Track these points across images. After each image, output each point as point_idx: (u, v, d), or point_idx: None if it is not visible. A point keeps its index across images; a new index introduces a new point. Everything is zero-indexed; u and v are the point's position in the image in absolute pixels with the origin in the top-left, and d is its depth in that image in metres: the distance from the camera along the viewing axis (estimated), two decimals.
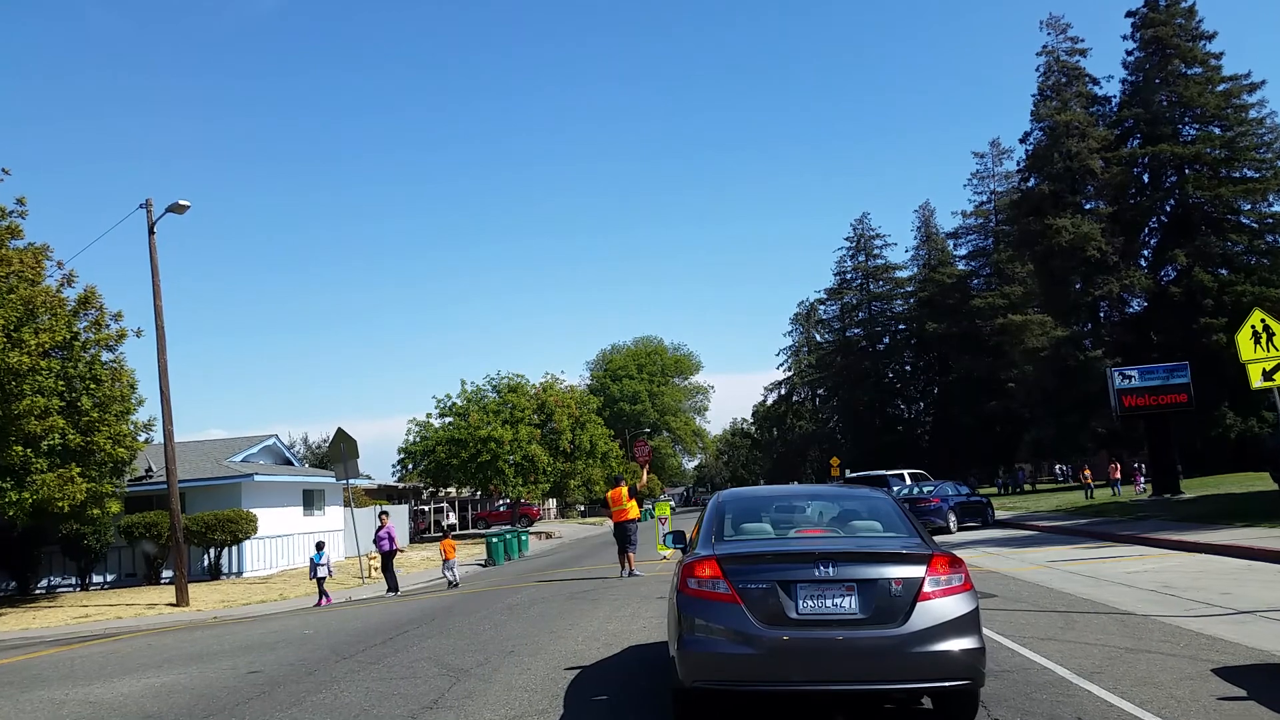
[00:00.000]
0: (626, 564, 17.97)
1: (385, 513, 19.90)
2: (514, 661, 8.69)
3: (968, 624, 5.35)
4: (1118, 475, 38.66)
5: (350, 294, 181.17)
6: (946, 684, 5.29)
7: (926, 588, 5.34)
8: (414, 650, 9.92)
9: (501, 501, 56.53)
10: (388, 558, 19.06)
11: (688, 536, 7.04)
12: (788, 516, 6.89)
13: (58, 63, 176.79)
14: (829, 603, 5.32)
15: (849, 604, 5.31)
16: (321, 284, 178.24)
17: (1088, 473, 38.09)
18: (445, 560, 19.03)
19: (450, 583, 18.53)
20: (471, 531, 52.85)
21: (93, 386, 21.74)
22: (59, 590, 26.97)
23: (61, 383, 20.76)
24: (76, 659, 12.27)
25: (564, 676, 7.79)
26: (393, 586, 18.94)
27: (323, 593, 18.16)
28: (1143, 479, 39.45)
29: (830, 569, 5.36)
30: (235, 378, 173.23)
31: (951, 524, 24.61)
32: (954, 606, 5.35)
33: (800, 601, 5.32)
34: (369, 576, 24.18)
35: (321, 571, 18.14)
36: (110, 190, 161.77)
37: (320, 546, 18.59)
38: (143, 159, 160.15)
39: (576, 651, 9.02)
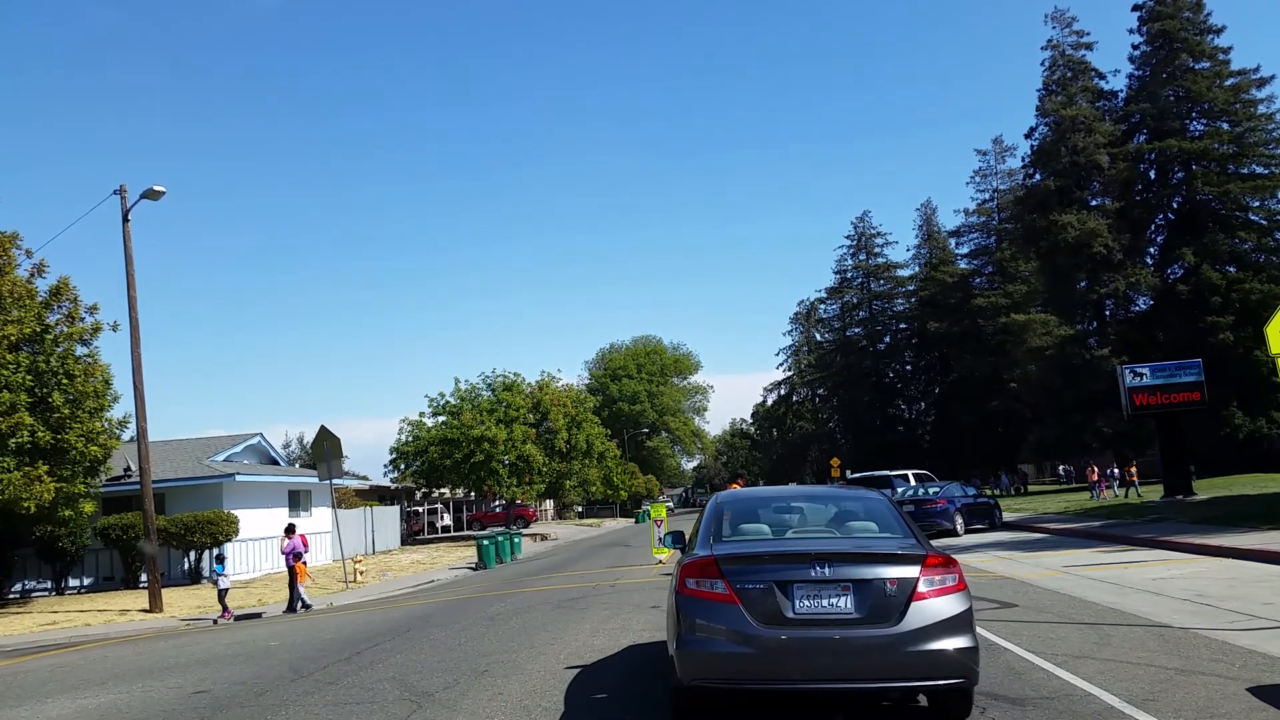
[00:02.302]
0: None
1: (292, 526, 19.12)
2: (485, 684, 7.75)
3: (961, 623, 5.33)
4: (1095, 478, 37.46)
5: (349, 293, 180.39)
6: (941, 682, 5.30)
7: (921, 587, 5.34)
8: (379, 668, 8.99)
9: (497, 503, 55.58)
10: (294, 574, 18.00)
11: (686, 537, 7.01)
12: (785, 517, 6.85)
13: (50, 59, 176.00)
14: (825, 602, 5.34)
15: (845, 604, 5.33)
16: (321, 283, 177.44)
17: (1132, 470, 36.09)
18: (298, 584, 17.94)
19: (296, 607, 17.53)
20: (466, 533, 51.90)
21: (65, 382, 20.79)
22: (34, 594, 26.06)
23: (30, 377, 19.84)
24: (21, 674, 11.36)
25: (539, 704, 6.86)
26: (300, 605, 17.73)
27: (224, 606, 17.59)
28: (1112, 483, 37.65)
29: (826, 569, 5.37)
30: (234, 377, 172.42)
31: (958, 526, 23.71)
32: (948, 606, 5.34)
33: (797, 601, 5.33)
34: (353, 581, 23.33)
35: (224, 583, 17.69)
36: (99, 189, 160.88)
37: (221, 559, 18.10)
38: (135, 157, 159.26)
39: (557, 671, 8.09)
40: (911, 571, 5.38)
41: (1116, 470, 39.13)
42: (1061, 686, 6.52)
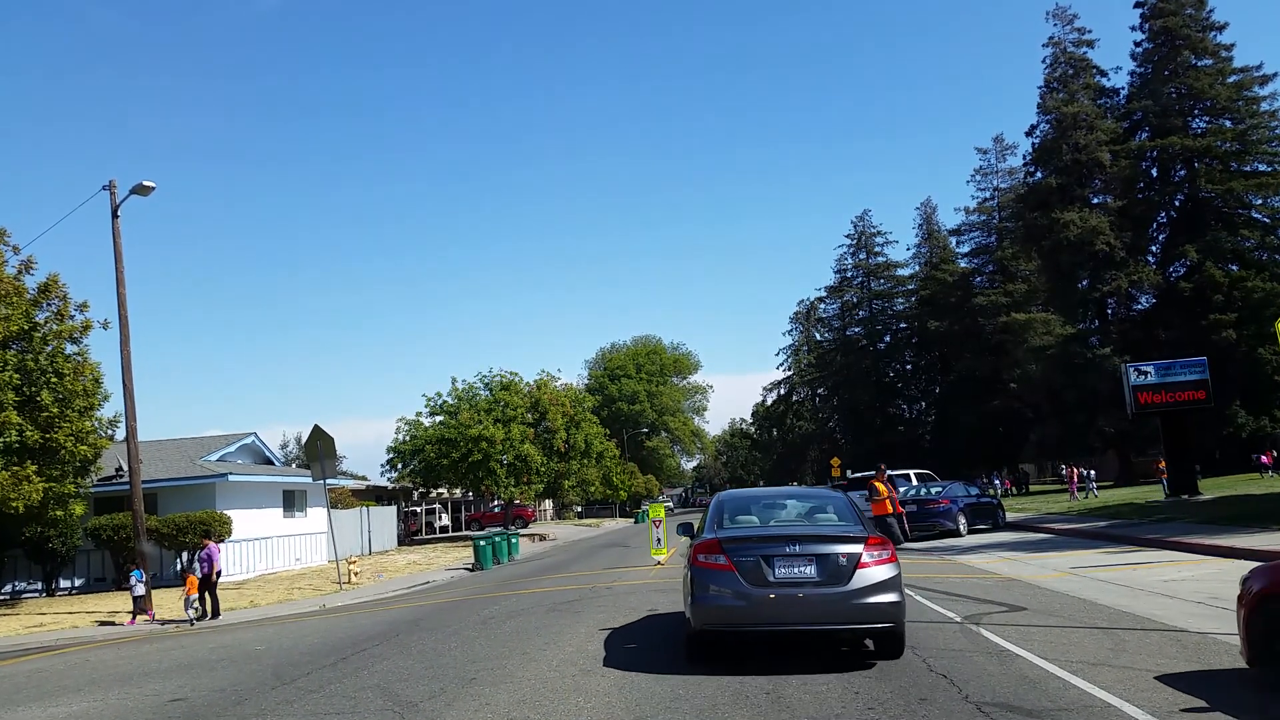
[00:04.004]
0: None
1: (208, 534, 18.96)
2: (472, 693, 7.40)
3: (892, 585, 7.39)
4: (1074, 480, 36.99)
5: (347, 293, 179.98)
6: (878, 626, 7.40)
7: (864, 560, 7.37)
8: (364, 675, 8.64)
9: (495, 503, 55.19)
10: (205, 582, 17.50)
11: (694, 527, 9.34)
12: (770, 511, 9.05)
13: (48, 58, 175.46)
14: (796, 570, 7.36)
15: (810, 571, 7.36)
16: (319, 283, 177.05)
17: (1161, 466, 34.75)
18: (186, 596, 17.62)
19: (191, 620, 17.15)
20: (464, 534, 51.56)
21: (54, 380, 20.44)
22: (24, 596, 25.69)
23: (18, 376, 19.48)
24: None
25: (527, 716, 6.51)
26: (213, 613, 17.26)
27: (138, 610, 17.74)
28: (1087, 485, 37.18)
29: (797, 547, 7.47)
30: (232, 377, 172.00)
31: (961, 526, 23.24)
32: (883, 573, 7.38)
33: (776, 569, 7.37)
34: (348, 582, 22.97)
35: (139, 589, 17.88)
36: (94, 188, 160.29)
37: (137, 566, 18.52)
38: (132, 157, 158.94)
39: (548, 679, 7.73)
40: (857, 549, 7.41)
41: (1093, 472, 38.88)
42: (1080, 697, 6.17)
